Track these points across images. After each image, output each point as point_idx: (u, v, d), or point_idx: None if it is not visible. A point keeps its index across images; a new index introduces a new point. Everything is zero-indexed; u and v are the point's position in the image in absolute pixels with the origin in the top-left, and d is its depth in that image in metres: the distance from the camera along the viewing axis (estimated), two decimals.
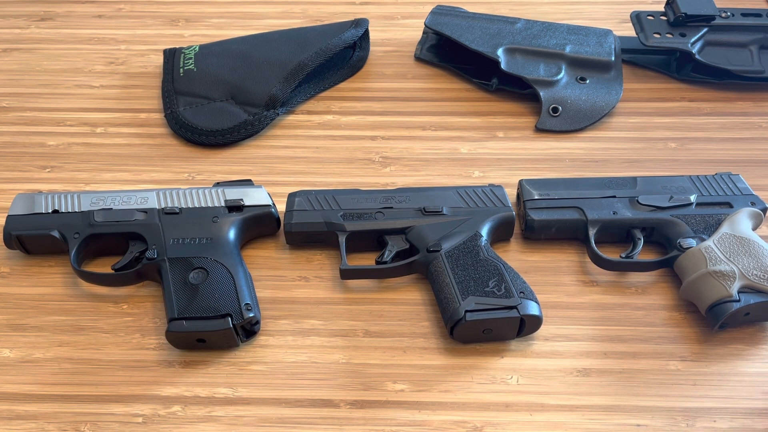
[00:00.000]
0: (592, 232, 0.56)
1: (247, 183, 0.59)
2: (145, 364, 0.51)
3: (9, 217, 0.56)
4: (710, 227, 0.56)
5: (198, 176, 0.64)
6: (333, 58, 0.72)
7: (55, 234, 0.55)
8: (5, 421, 0.48)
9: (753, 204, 0.57)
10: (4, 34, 0.79)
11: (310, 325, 0.53)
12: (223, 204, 0.57)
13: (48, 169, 0.65)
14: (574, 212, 0.57)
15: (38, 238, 0.56)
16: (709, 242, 0.54)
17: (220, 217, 0.56)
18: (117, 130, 0.69)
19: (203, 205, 0.57)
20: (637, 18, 0.72)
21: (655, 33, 0.71)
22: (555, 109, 0.68)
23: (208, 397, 0.49)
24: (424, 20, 0.75)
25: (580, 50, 0.71)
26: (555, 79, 0.69)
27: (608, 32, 0.74)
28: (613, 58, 0.71)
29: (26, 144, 0.67)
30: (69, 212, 0.56)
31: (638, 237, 0.56)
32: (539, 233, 0.58)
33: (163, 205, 0.57)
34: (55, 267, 0.57)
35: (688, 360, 0.51)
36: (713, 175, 0.59)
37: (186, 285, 0.51)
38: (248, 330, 0.52)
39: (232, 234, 0.55)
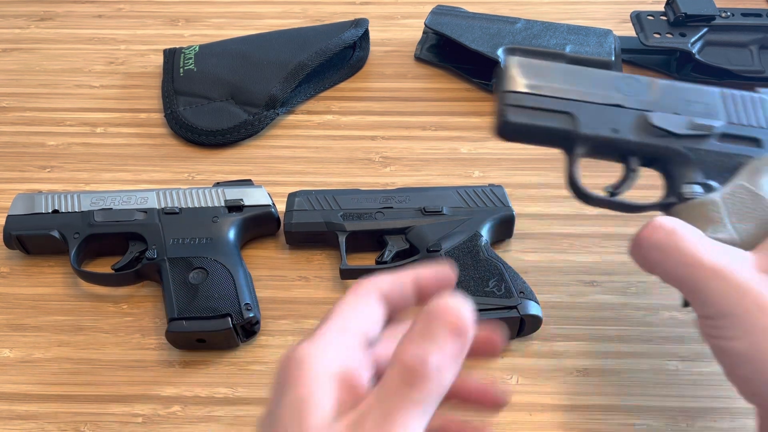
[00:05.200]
0: (579, 151, 0.45)
1: (247, 183, 0.59)
2: (145, 364, 0.51)
3: (9, 217, 0.56)
4: (726, 171, 0.43)
5: (198, 176, 0.64)
6: (333, 58, 0.71)
7: (55, 234, 0.55)
8: (5, 421, 0.48)
9: None
10: (4, 34, 0.79)
11: (310, 325, 0.53)
12: (222, 204, 0.57)
13: (48, 169, 0.65)
14: (563, 119, 0.44)
15: (38, 238, 0.56)
16: (717, 195, 0.43)
17: (220, 217, 0.56)
18: (117, 130, 0.69)
19: (203, 205, 0.57)
20: (637, 18, 0.72)
21: (655, 33, 0.71)
22: None
23: (208, 397, 0.49)
24: (424, 20, 0.75)
25: (581, 50, 0.71)
26: None
27: (608, 32, 0.74)
28: (613, 58, 0.71)
29: (26, 144, 0.67)
30: (69, 212, 0.56)
31: (633, 167, 0.45)
32: (512, 137, 0.45)
33: (162, 205, 0.57)
34: (55, 267, 0.57)
35: (688, 360, 0.51)
36: (747, 94, 0.46)
37: (186, 285, 0.51)
38: (248, 330, 0.52)
39: (232, 234, 0.55)
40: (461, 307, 0.32)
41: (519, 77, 0.44)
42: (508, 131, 0.44)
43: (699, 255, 0.38)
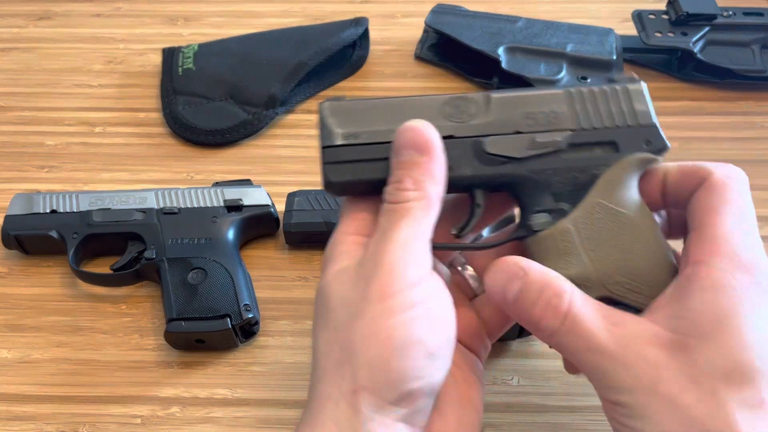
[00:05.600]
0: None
1: (246, 183, 0.59)
2: (144, 364, 0.51)
3: (7, 217, 0.56)
4: (581, 188, 0.37)
5: (197, 176, 0.64)
6: (333, 57, 0.71)
7: (54, 234, 0.55)
8: (3, 422, 0.48)
9: (648, 143, 0.37)
10: (3, 34, 0.79)
11: (310, 326, 0.53)
12: (222, 204, 0.57)
13: (46, 169, 0.65)
14: (382, 164, 0.37)
15: (36, 238, 0.55)
16: (569, 221, 0.36)
17: (219, 217, 0.56)
18: (115, 129, 0.68)
19: (202, 205, 0.57)
20: (639, 17, 0.72)
21: (656, 32, 0.70)
22: None
23: (206, 398, 0.49)
24: (424, 19, 0.74)
25: (582, 49, 0.71)
26: (556, 78, 0.69)
27: (609, 31, 0.73)
28: (614, 57, 0.71)
29: (24, 144, 0.67)
30: (67, 212, 0.56)
31: (479, 202, 0.38)
32: (343, 194, 0.39)
33: (161, 205, 0.56)
34: (54, 267, 0.57)
35: None
36: (602, 87, 0.39)
37: (185, 285, 0.51)
38: (247, 330, 0.51)
39: (231, 234, 0.55)
40: (417, 126, 0.36)
41: (335, 128, 0.38)
42: (335, 191, 0.38)
43: (595, 337, 0.33)
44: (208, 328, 0.49)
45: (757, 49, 0.71)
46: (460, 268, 0.43)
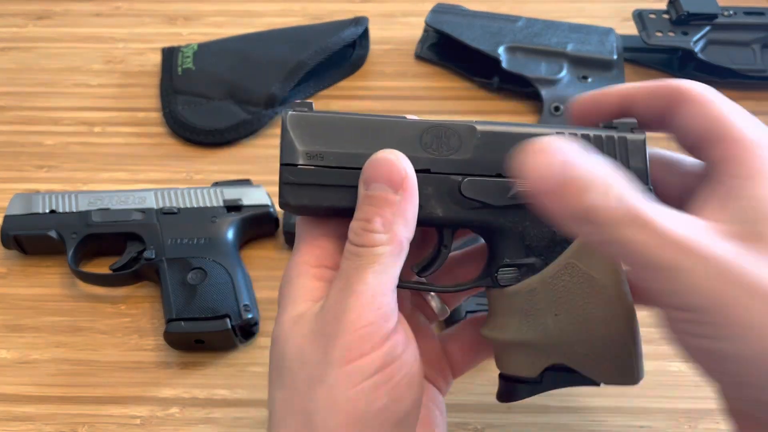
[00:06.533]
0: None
1: (246, 183, 0.59)
2: (143, 365, 0.51)
3: (6, 217, 0.56)
4: (556, 244, 0.34)
5: (196, 176, 0.64)
6: (332, 57, 0.71)
7: (53, 234, 0.55)
8: (2, 423, 0.48)
9: None
10: (2, 33, 0.79)
11: None
12: (221, 204, 0.57)
13: (45, 169, 0.64)
14: (352, 195, 0.34)
15: (36, 238, 0.55)
16: (537, 280, 0.34)
17: (219, 217, 0.56)
18: (115, 129, 0.68)
19: (201, 205, 0.56)
20: (639, 16, 0.72)
21: (657, 31, 0.70)
22: (557, 108, 0.68)
23: (206, 399, 0.49)
24: (424, 18, 0.74)
25: (582, 49, 0.71)
26: (557, 77, 0.69)
27: (610, 31, 0.73)
28: (615, 57, 0.70)
29: (23, 143, 0.67)
30: (66, 212, 0.56)
31: (446, 243, 0.36)
32: (299, 214, 0.37)
33: (161, 205, 0.56)
34: (53, 267, 0.57)
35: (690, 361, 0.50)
36: (599, 134, 0.35)
37: (184, 285, 0.51)
38: (247, 331, 0.51)
39: (230, 234, 0.55)
40: (392, 159, 0.32)
41: (298, 144, 0.34)
42: (292, 212, 0.36)
43: (661, 225, 0.26)
44: (208, 328, 0.49)
45: (758, 49, 0.71)
46: (423, 293, 0.41)
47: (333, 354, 0.30)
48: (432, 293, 0.40)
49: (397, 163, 0.32)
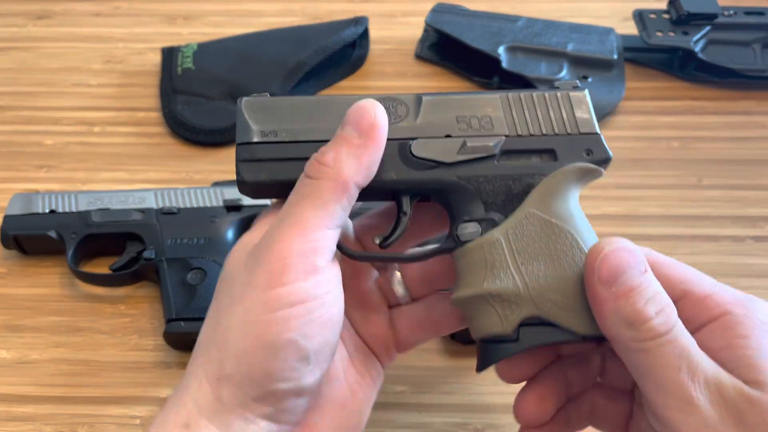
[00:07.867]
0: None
1: None
2: (143, 365, 0.51)
3: (6, 217, 0.56)
4: (514, 198, 0.35)
5: (196, 176, 0.64)
6: (332, 57, 0.71)
7: (53, 234, 0.55)
8: (2, 423, 0.48)
9: (589, 153, 0.36)
10: (1, 33, 0.79)
11: None
12: (221, 204, 0.56)
13: (45, 169, 0.64)
14: (302, 164, 0.34)
15: (35, 238, 0.55)
16: (499, 232, 0.34)
17: (219, 217, 0.56)
18: (114, 129, 0.68)
19: (201, 204, 0.56)
20: (640, 16, 0.72)
21: (657, 31, 0.70)
22: None
23: None
24: (424, 18, 0.74)
25: (582, 48, 0.71)
26: (557, 77, 0.68)
27: (610, 30, 0.73)
28: (615, 57, 0.70)
29: (23, 143, 0.67)
30: (66, 212, 0.56)
31: (405, 210, 0.36)
32: (258, 195, 0.37)
33: (160, 205, 0.56)
34: (53, 267, 0.56)
35: None
36: (542, 93, 0.37)
37: (184, 285, 0.51)
38: None
39: (230, 234, 0.55)
40: (367, 106, 0.34)
41: (252, 124, 0.36)
42: (249, 191, 0.36)
43: (695, 359, 0.30)
44: None
45: (758, 49, 0.71)
46: (389, 272, 0.41)
47: (257, 278, 0.31)
48: (398, 279, 0.41)
49: (371, 110, 0.34)
